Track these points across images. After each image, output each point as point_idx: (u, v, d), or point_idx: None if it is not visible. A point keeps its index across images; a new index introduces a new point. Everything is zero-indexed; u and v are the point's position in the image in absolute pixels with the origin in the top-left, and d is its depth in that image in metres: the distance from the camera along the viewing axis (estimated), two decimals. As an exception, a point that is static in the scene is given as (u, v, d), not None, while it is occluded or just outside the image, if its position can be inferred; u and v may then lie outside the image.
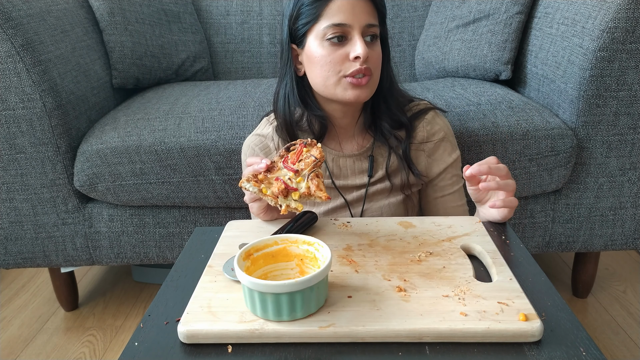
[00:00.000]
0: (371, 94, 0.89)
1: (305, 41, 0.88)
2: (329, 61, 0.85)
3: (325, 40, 0.85)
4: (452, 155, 0.97)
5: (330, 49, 0.85)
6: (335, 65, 0.85)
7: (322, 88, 0.89)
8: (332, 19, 0.84)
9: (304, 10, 0.86)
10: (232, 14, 1.74)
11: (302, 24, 0.87)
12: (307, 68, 0.90)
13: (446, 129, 0.97)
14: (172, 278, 0.69)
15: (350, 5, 0.84)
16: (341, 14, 0.83)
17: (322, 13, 0.84)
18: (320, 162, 0.74)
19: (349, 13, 0.83)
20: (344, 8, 0.83)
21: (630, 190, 1.25)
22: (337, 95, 0.88)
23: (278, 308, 0.55)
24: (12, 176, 1.23)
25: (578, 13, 1.16)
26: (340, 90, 0.87)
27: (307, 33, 0.87)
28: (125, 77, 1.49)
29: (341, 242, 0.73)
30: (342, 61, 0.85)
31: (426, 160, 0.96)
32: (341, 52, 0.85)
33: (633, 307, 1.43)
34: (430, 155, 0.96)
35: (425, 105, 0.98)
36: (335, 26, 0.84)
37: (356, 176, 0.96)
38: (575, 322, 0.57)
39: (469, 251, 0.71)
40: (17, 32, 1.13)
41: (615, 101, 1.15)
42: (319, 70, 0.87)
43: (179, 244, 1.32)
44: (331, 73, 0.86)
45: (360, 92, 0.87)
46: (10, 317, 1.48)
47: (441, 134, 0.96)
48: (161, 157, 1.20)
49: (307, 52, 0.88)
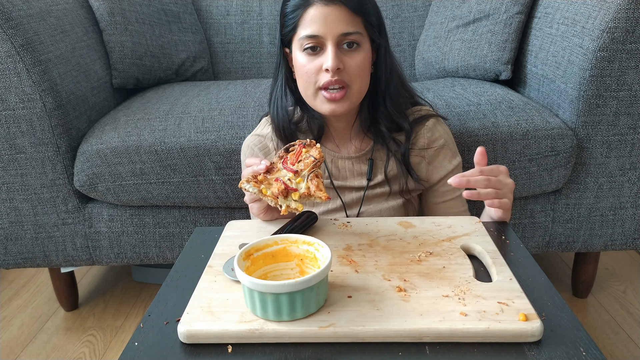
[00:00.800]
0: (351, 106, 0.88)
1: (291, 48, 0.89)
2: (305, 72, 0.85)
3: (303, 51, 0.85)
4: (453, 161, 0.97)
5: (307, 59, 0.85)
6: (310, 76, 0.85)
7: (305, 97, 0.90)
8: (306, 30, 0.84)
9: (286, 20, 0.87)
10: (232, 14, 1.74)
11: (286, 32, 0.88)
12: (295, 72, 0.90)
13: (447, 136, 0.96)
14: (172, 278, 0.69)
15: (322, 16, 0.82)
16: (313, 25, 0.83)
17: (298, 24, 0.85)
18: (320, 163, 0.74)
19: (320, 24, 0.82)
20: (316, 19, 0.83)
21: (630, 190, 1.25)
22: (316, 106, 0.89)
23: (278, 308, 0.55)
24: (12, 176, 1.23)
25: (578, 13, 1.16)
26: (318, 103, 0.88)
27: (291, 40, 0.88)
28: (125, 77, 1.49)
29: (341, 242, 0.73)
30: (316, 72, 0.85)
31: (427, 167, 0.96)
32: (316, 63, 0.84)
33: (633, 307, 1.43)
34: (430, 162, 0.96)
35: (427, 112, 0.97)
36: (308, 37, 0.83)
37: (355, 178, 0.96)
38: (575, 322, 0.57)
39: (469, 251, 0.71)
40: (17, 32, 1.13)
41: (615, 101, 1.15)
42: (300, 79, 0.88)
43: (179, 244, 1.32)
44: (308, 84, 0.86)
45: (336, 107, 0.86)
46: (10, 317, 1.48)
47: (441, 140, 0.95)
48: (161, 157, 1.20)
49: (294, 60, 0.89)
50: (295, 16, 0.85)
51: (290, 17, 0.85)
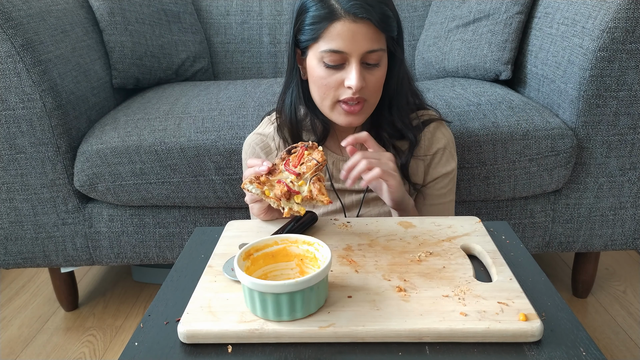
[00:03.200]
0: (365, 118, 0.89)
1: (307, 54, 0.86)
2: (325, 84, 0.84)
3: (322, 62, 0.83)
4: (447, 166, 0.95)
5: (327, 72, 0.83)
6: (330, 90, 0.84)
7: (319, 105, 0.89)
8: (330, 44, 0.80)
9: (305, 27, 0.83)
10: (232, 14, 1.74)
11: (303, 39, 0.85)
12: (309, 78, 0.89)
13: (447, 140, 0.95)
14: (172, 278, 0.69)
15: (350, 32, 0.79)
16: (340, 41, 0.80)
17: (321, 35, 0.81)
18: (322, 166, 0.74)
19: (348, 40, 0.79)
20: (343, 35, 0.79)
21: (630, 190, 1.25)
22: (332, 117, 0.88)
23: (278, 308, 0.55)
24: (12, 176, 1.23)
25: (578, 13, 1.16)
26: (335, 115, 0.87)
27: (307, 48, 0.85)
28: (125, 77, 1.49)
29: (341, 242, 0.73)
30: (337, 86, 0.83)
31: (425, 169, 0.96)
32: (337, 77, 0.83)
33: (633, 307, 1.43)
34: (428, 164, 0.96)
35: (430, 116, 0.96)
36: (332, 52, 0.80)
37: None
38: (575, 322, 0.57)
39: (469, 251, 0.71)
40: (17, 32, 1.13)
41: (615, 101, 1.15)
42: (316, 89, 0.87)
43: (179, 244, 1.32)
44: (327, 95, 0.85)
45: (353, 119, 0.86)
46: (10, 317, 1.48)
47: (441, 143, 0.95)
48: (161, 157, 1.20)
49: (308, 65, 0.87)
50: (318, 27, 0.81)
51: (312, 27, 0.82)
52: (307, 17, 0.82)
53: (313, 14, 0.81)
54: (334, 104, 0.86)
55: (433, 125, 0.95)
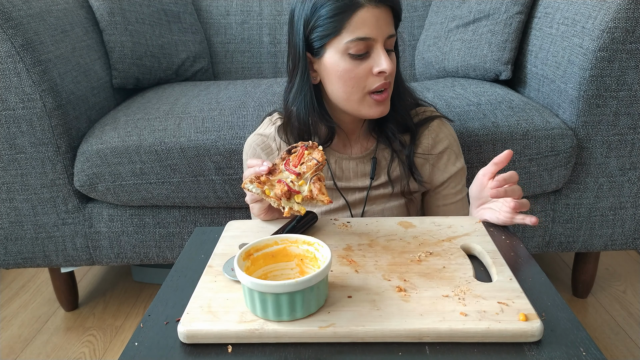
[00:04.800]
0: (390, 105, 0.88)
1: (323, 52, 0.84)
2: (353, 77, 0.82)
3: (347, 55, 0.81)
4: (456, 164, 0.96)
5: (353, 63, 0.82)
6: (359, 81, 0.82)
7: (344, 102, 0.86)
8: (355, 33, 0.80)
9: (322, 22, 0.81)
10: (232, 14, 1.74)
11: (319, 36, 0.83)
12: (325, 79, 0.87)
13: (451, 139, 0.95)
14: (172, 278, 0.69)
15: (375, 18, 0.79)
16: (365, 28, 0.79)
17: (344, 26, 0.80)
18: (322, 166, 0.74)
19: (372, 26, 0.79)
20: (368, 21, 0.79)
21: (630, 190, 1.25)
22: (361, 111, 0.86)
23: (278, 308, 0.55)
24: (12, 176, 1.23)
25: (578, 13, 1.16)
26: (365, 107, 0.85)
27: (325, 45, 0.83)
28: (125, 77, 1.49)
29: (341, 242, 0.73)
30: (366, 76, 0.82)
31: (430, 168, 0.96)
32: (364, 67, 0.82)
33: (633, 307, 1.43)
34: (434, 165, 0.95)
35: (432, 113, 0.96)
36: (359, 40, 0.80)
37: (358, 178, 0.96)
38: (575, 322, 0.57)
39: (469, 251, 0.71)
40: (17, 32, 1.13)
41: (615, 101, 1.15)
42: (341, 85, 0.84)
43: (179, 244, 1.32)
44: (355, 89, 0.83)
45: (384, 108, 0.85)
46: (10, 317, 1.48)
47: (445, 142, 0.94)
48: (161, 157, 1.20)
49: (326, 64, 0.84)
50: (341, 18, 0.80)
51: (332, 20, 0.80)
52: (325, 12, 0.81)
53: (332, 7, 0.80)
54: (364, 96, 0.84)
55: (435, 123, 0.95)
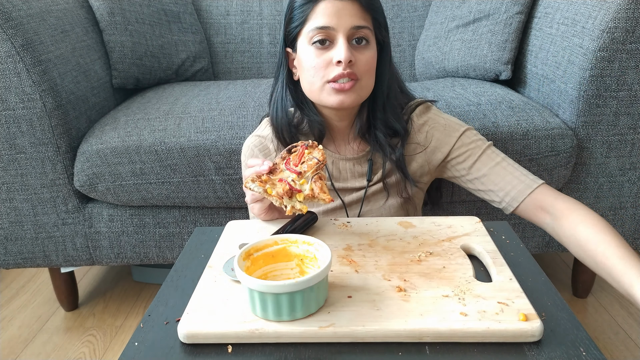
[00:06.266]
0: (358, 100, 0.87)
1: (296, 45, 0.88)
2: (314, 65, 0.84)
3: (311, 45, 0.84)
4: (454, 134, 0.92)
5: (316, 52, 0.84)
6: (319, 70, 0.84)
7: (309, 93, 0.89)
8: (316, 22, 0.83)
9: (295, 13, 0.86)
10: (232, 14, 1.74)
11: (293, 27, 0.87)
12: (299, 72, 0.89)
13: (433, 116, 0.95)
14: (172, 278, 0.69)
15: (335, 8, 0.82)
16: (325, 17, 0.82)
17: (308, 16, 0.84)
18: (323, 165, 0.74)
19: (333, 16, 0.82)
20: (328, 11, 0.82)
21: (630, 190, 1.25)
22: (322, 100, 0.87)
23: (278, 308, 0.55)
24: (12, 176, 1.23)
25: (578, 13, 1.16)
26: (325, 96, 0.86)
27: (297, 36, 0.87)
28: (125, 77, 1.49)
29: (341, 242, 0.73)
30: (326, 65, 0.84)
31: (424, 155, 0.94)
32: (325, 57, 0.84)
33: (633, 307, 1.43)
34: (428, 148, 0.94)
35: (415, 103, 0.96)
36: (319, 29, 0.83)
37: (355, 179, 0.96)
38: (575, 322, 0.57)
39: (469, 251, 0.71)
40: (17, 32, 1.13)
41: (615, 101, 1.15)
42: (305, 74, 0.87)
43: (179, 244, 1.32)
44: (316, 78, 0.85)
45: (345, 98, 0.85)
46: (10, 317, 1.48)
47: (429, 122, 0.94)
48: (161, 157, 1.20)
49: (298, 56, 0.88)
50: (305, 9, 0.84)
51: (300, 10, 0.85)
52: (297, 4, 0.85)
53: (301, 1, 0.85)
54: (323, 84, 0.85)
55: (418, 109, 0.95)
